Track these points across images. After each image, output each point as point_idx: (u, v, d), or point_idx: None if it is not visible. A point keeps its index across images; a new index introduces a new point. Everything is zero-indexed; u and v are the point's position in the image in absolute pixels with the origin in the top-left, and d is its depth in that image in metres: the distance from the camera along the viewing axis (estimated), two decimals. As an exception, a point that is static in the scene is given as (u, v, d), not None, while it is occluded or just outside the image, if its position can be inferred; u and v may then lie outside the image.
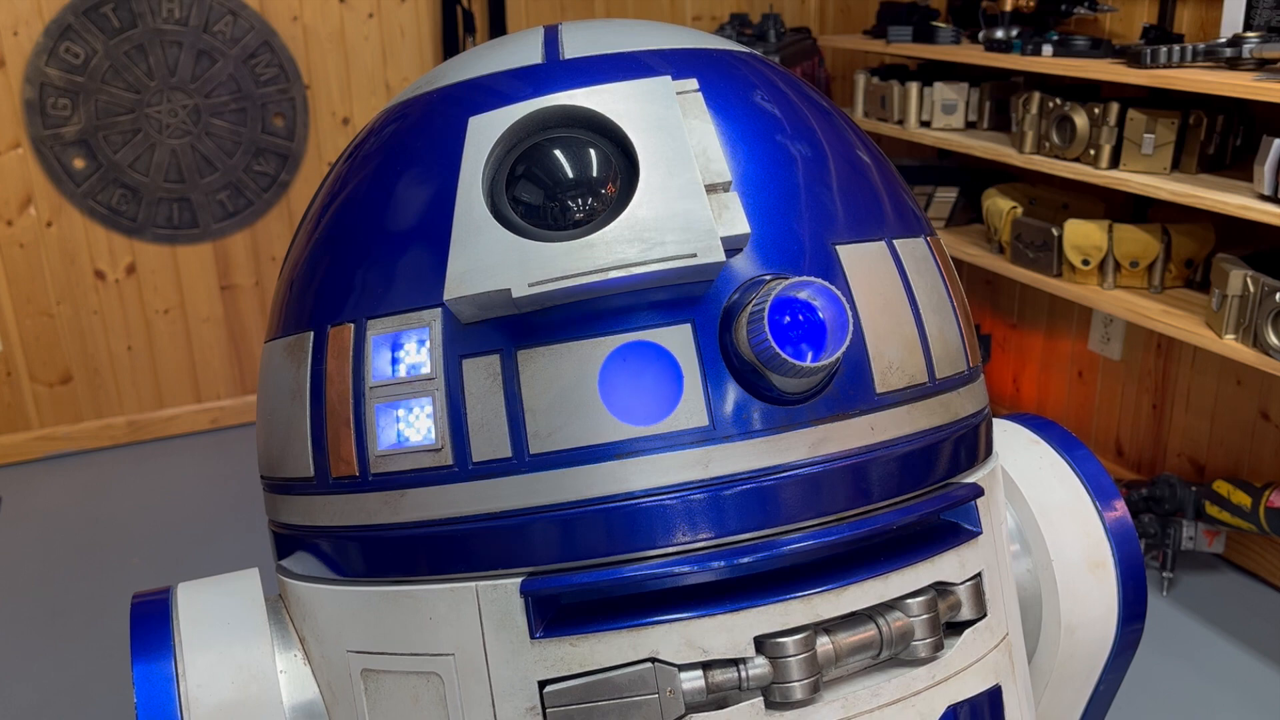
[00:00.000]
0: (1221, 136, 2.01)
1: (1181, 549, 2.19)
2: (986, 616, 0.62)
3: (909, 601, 0.58)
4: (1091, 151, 2.06)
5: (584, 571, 0.54)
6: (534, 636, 0.55)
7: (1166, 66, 1.87)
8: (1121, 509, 0.75)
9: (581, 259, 0.51)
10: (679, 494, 0.54)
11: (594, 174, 0.54)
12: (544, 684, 0.55)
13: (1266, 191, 1.73)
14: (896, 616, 0.58)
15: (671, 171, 0.52)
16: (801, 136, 0.61)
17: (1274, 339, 1.73)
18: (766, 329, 0.51)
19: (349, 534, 0.60)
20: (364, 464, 0.57)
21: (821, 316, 0.52)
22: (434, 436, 0.55)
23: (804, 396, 0.55)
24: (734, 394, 0.54)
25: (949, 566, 0.61)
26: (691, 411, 0.54)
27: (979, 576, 0.62)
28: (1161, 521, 2.18)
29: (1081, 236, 2.11)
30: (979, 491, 0.63)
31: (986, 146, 2.35)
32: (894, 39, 2.59)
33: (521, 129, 0.54)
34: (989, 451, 0.67)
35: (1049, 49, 2.16)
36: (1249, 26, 1.97)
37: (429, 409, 0.55)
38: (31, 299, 2.93)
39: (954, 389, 0.62)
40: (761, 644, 0.55)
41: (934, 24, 2.56)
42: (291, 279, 0.65)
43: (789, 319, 0.52)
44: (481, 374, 0.55)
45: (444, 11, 3.06)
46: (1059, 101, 2.13)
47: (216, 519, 2.63)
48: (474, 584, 0.56)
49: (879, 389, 0.57)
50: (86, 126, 2.86)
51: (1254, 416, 2.24)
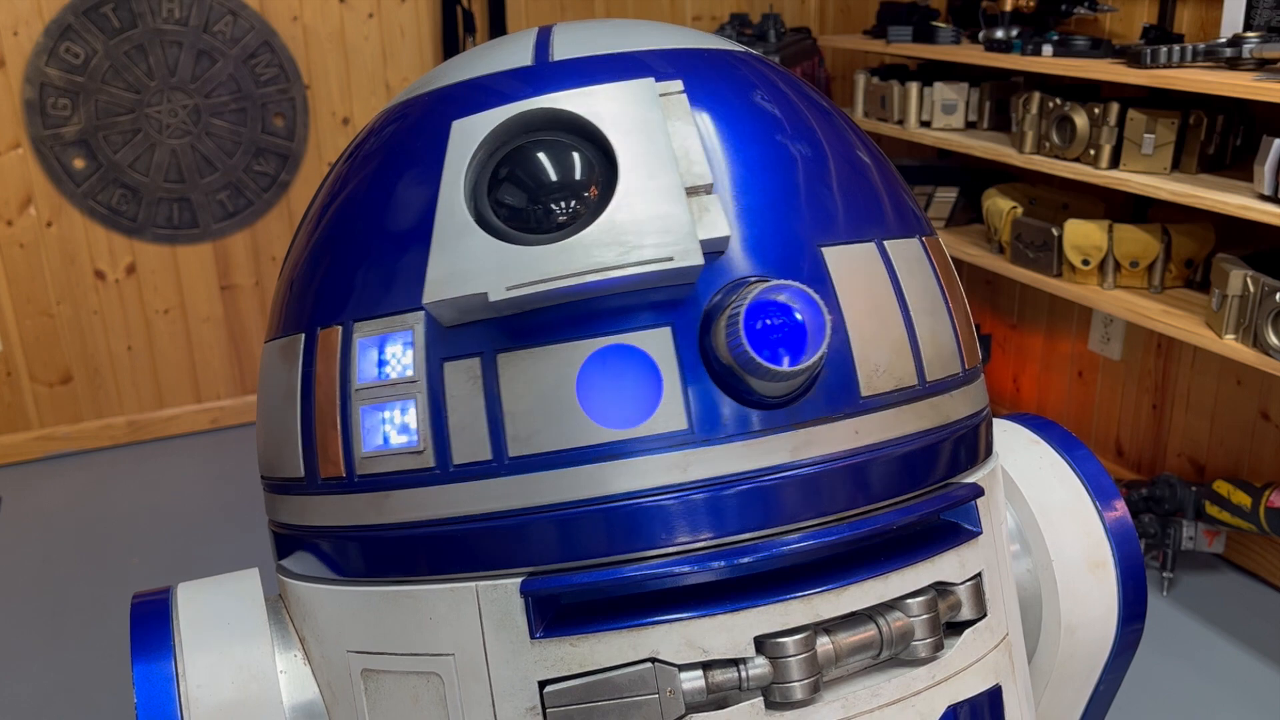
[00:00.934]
0: (1221, 136, 2.01)
1: (1181, 549, 2.19)
2: (986, 616, 0.62)
3: (909, 601, 0.58)
4: (1091, 151, 2.06)
5: (584, 571, 0.54)
6: (534, 636, 0.55)
7: (1166, 66, 1.87)
8: (1121, 509, 0.75)
9: (559, 262, 0.51)
10: (675, 494, 0.54)
11: (575, 177, 0.53)
12: (544, 684, 0.55)
13: (1266, 191, 1.73)
14: (896, 616, 0.58)
15: (651, 174, 0.52)
16: (799, 137, 0.61)
17: (1274, 339, 1.73)
18: (743, 332, 0.51)
19: (343, 534, 0.60)
20: (350, 465, 0.58)
21: (800, 320, 0.52)
22: (416, 439, 0.55)
23: (784, 400, 0.55)
24: (714, 398, 0.54)
25: (949, 566, 0.60)
26: (670, 415, 0.54)
27: (979, 576, 0.62)
28: (1161, 521, 2.18)
29: (1081, 236, 2.11)
30: (979, 491, 0.63)
31: (986, 146, 2.35)
32: (894, 39, 2.59)
33: (504, 132, 0.54)
34: (989, 452, 0.67)
35: (1049, 49, 2.16)
36: (1249, 26, 1.97)
37: (412, 411, 0.56)
38: (31, 299, 2.93)
39: (947, 391, 0.62)
40: (761, 644, 0.55)
41: (934, 24, 2.56)
42: (289, 280, 0.65)
43: (767, 322, 0.52)
44: (462, 377, 0.55)
45: (444, 11, 3.07)
46: (1059, 101, 2.13)
47: (216, 519, 2.63)
48: (474, 584, 0.56)
49: (864, 392, 0.57)
50: (86, 126, 2.86)
51: (1254, 416, 2.24)
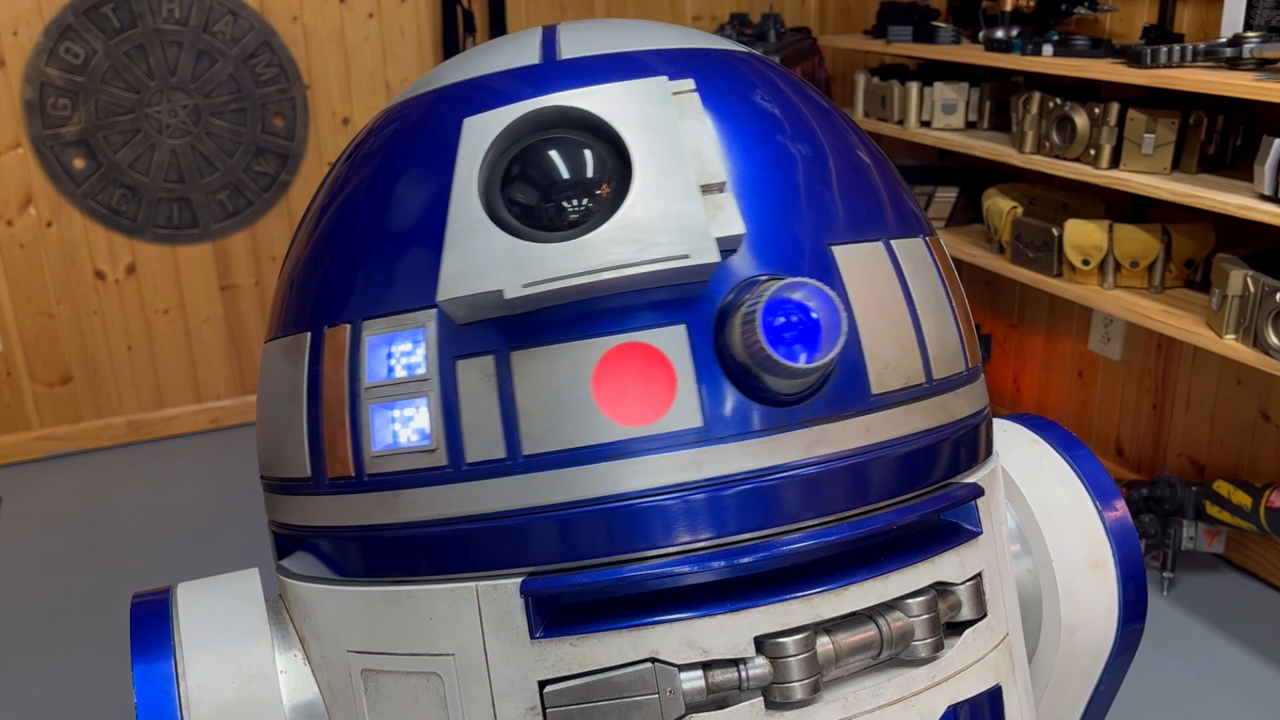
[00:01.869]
0: (1221, 136, 2.01)
1: (1181, 549, 2.19)
2: (987, 616, 0.62)
3: (909, 601, 0.58)
4: (1091, 151, 2.06)
5: (584, 571, 0.54)
6: (534, 636, 0.55)
7: (1166, 66, 1.87)
8: (1122, 509, 0.75)
9: (575, 260, 0.51)
10: (677, 494, 0.54)
11: (589, 175, 0.54)
12: (544, 684, 0.55)
13: (1266, 191, 1.73)
14: (897, 616, 0.58)
15: (665, 172, 0.52)
16: (800, 137, 0.61)
17: (1274, 339, 1.73)
18: (759, 330, 0.51)
19: (347, 534, 0.60)
20: (360, 464, 0.57)
21: (815, 318, 0.52)
22: (429, 437, 0.55)
23: (798, 398, 0.55)
24: (728, 395, 0.54)
25: (949, 566, 0.61)
26: (685, 412, 0.54)
27: (979, 576, 0.62)
28: (1161, 521, 2.18)
29: (1081, 236, 2.11)
30: (979, 491, 0.63)
31: (986, 146, 2.35)
32: (894, 39, 2.59)
33: (516, 130, 0.54)
34: (989, 451, 0.67)
35: (1049, 49, 2.16)
36: (1249, 26, 1.97)
37: (424, 410, 0.55)
38: (31, 299, 2.93)
39: (952, 390, 0.62)
40: (762, 644, 0.55)
41: (934, 24, 2.56)
42: (290, 280, 0.65)
43: (783, 320, 0.52)
44: (475, 375, 0.55)
45: (444, 11, 3.07)
46: (1059, 101, 2.13)
47: (216, 519, 2.63)
48: (474, 584, 0.56)
49: (875, 390, 0.57)
50: (86, 126, 2.86)
51: (1254, 416, 2.24)
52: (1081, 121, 2.07)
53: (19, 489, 2.86)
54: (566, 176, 0.54)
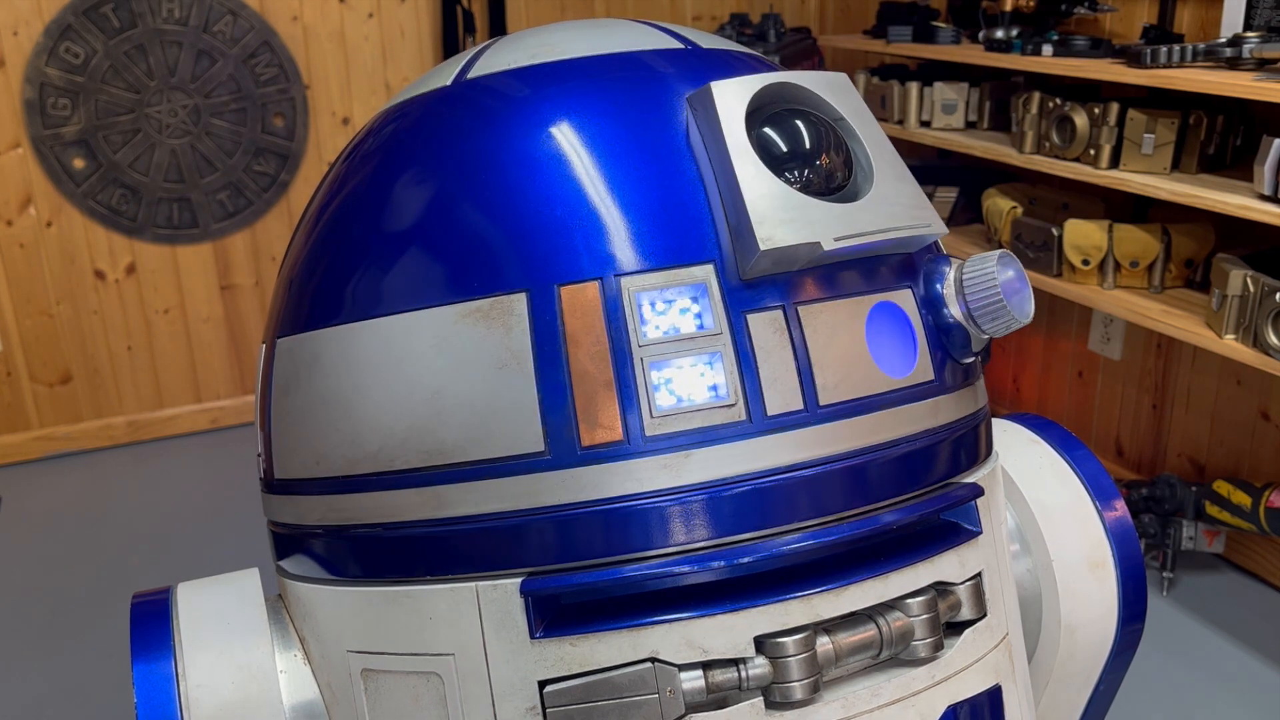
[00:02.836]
0: (1221, 136, 2.01)
1: (1181, 549, 2.19)
2: (986, 616, 0.62)
3: (909, 601, 0.58)
4: (1091, 151, 2.06)
5: (584, 571, 0.54)
6: (534, 636, 0.55)
7: (1166, 66, 1.87)
8: (1121, 509, 0.75)
9: (866, 220, 0.56)
10: (678, 494, 0.54)
11: (835, 148, 0.58)
12: (544, 684, 0.55)
13: (1266, 191, 1.73)
14: (896, 616, 0.58)
15: (886, 155, 0.59)
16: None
17: (1274, 339, 1.73)
18: (999, 286, 0.58)
19: (347, 534, 0.60)
20: (634, 428, 0.54)
21: (1015, 284, 0.59)
22: (726, 392, 0.55)
23: (980, 355, 0.62)
24: (943, 353, 0.61)
25: (949, 566, 0.61)
26: (925, 368, 0.60)
27: (979, 576, 0.62)
28: (1161, 521, 2.18)
29: (1081, 236, 2.11)
30: (979, 491, 0.63)
31: (986, 146, 2.35)
32: (894, 39, 2.59)
33: (754, 101, 0.57)
34: (989, 451, 0.67)
35: (1049, 49, 2.16)
36: (1249, 26, 1.97)
37: (719, 365, 0.55)
38: (31, 299, 2.93)
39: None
40: (761, 644, 0.55)
41: (934, 24, 2.56)
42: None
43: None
44: (769, 328, 0.56)
45: (444, 11, 3.07)
46: (1059, 101, 2.13)
47: (216, 519, 2.63)
48: (474, 584, 0.56)
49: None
50: (86, 126, 2.86)
51: (1254, 416, 2.24)
52: (1081, 121, 2.07)
53: (19, 489, 2.86)
54: (820, 146, 0.57)
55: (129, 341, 3.04)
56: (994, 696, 0.62)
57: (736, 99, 0.55)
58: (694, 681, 0.54)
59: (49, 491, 2.85)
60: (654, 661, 0.54)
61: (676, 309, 0.54)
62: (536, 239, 0.55)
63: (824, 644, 0.56)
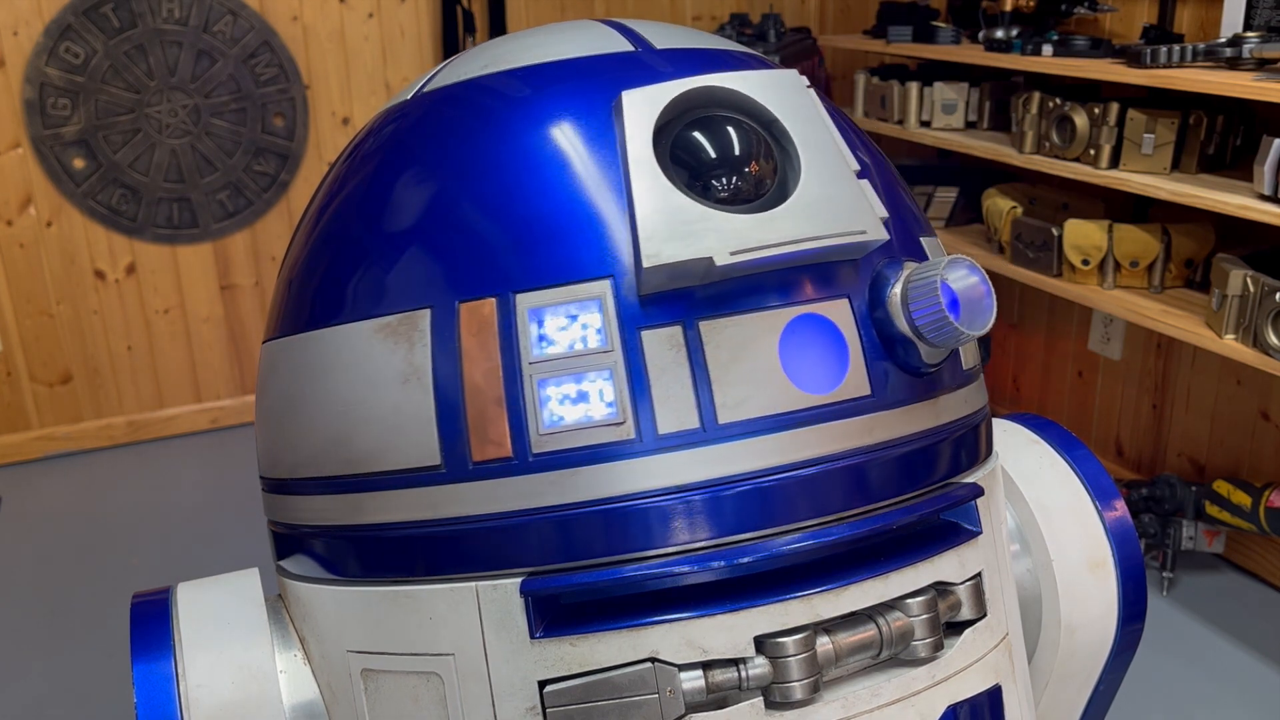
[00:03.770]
0: (1221, 136, 2.01)
1: (1181, 549, 2.19)
2: (986, 616, 0.62)
3: (909, 601, 0.58)
4: (1091, 151, 2.06)
5: (584, 571, 0.54)
6: (534, 636, 0.55)
7: (1166, 66, 1.87)
8: (1121, 509, 0.75)
9: (772, 231, 0.52)
10: (677, 495, 0.54)
11: (759, 153, 0.55)
12: (544, 684, 0.55)
13: (1266, 191, 1.73)
14: (896, 616, 0.58)
15: (824, 156, 0.55)
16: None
17: (1274, 339, 1.73)
18: (941, 299, 0.54)
19: (348, 534, 0.60)
20: (522, 444, 0.55)
21: (971, 295, 0.55)
22: (616, 410, 0.54)
23: (935, 367, 0.59)
24: (888, 365, 0.57)
25: (949, 566, 0.61)
26: (857, 382, 0.56)
27: (979, 576, 0.62)
28: (1161, 521, 2.18)
29: (1081, 236, 2.11)
30: (979, 491, 0.63)
31: (986, 146, 2.35)
32: (894, 39, 2.59)
33: (676, 107, 0.55)
34: (989, 451, 0.67)
35: (1049, 49, 2.16)
36: (1249, 26, 1.97)
37: (608, 382, 0.54)
38: (31, 299, 2.93)
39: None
40: (761, 644, 0.55)
41: (934, 24, 2.56)
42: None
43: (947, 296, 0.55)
44: (663, 345, 0.55)
45: (444, 11, 3.07)
46: (1059, 101, 2.13)
47: (216, 519, 2.63)
48: (474, 584, 0.56)
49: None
50: (86, 126, 2.86)
51: (1254, 416, 2.24)
52: (1081, 121, 2.07)
53: (19, 489, 2.86)
54: (738, 153, 0.55)
55: (129, 341, 3.04)
56: (994, 696, 0.62)
57: (645, 107, 0.54)
58: (694, 681, 0.54)
59: (49, 491, 2.85)
60: (654, 661, 0.54)
61: (572, 326, 0.54)
62: (442, 256, 0.57)
63: (824, 644, 0.56)
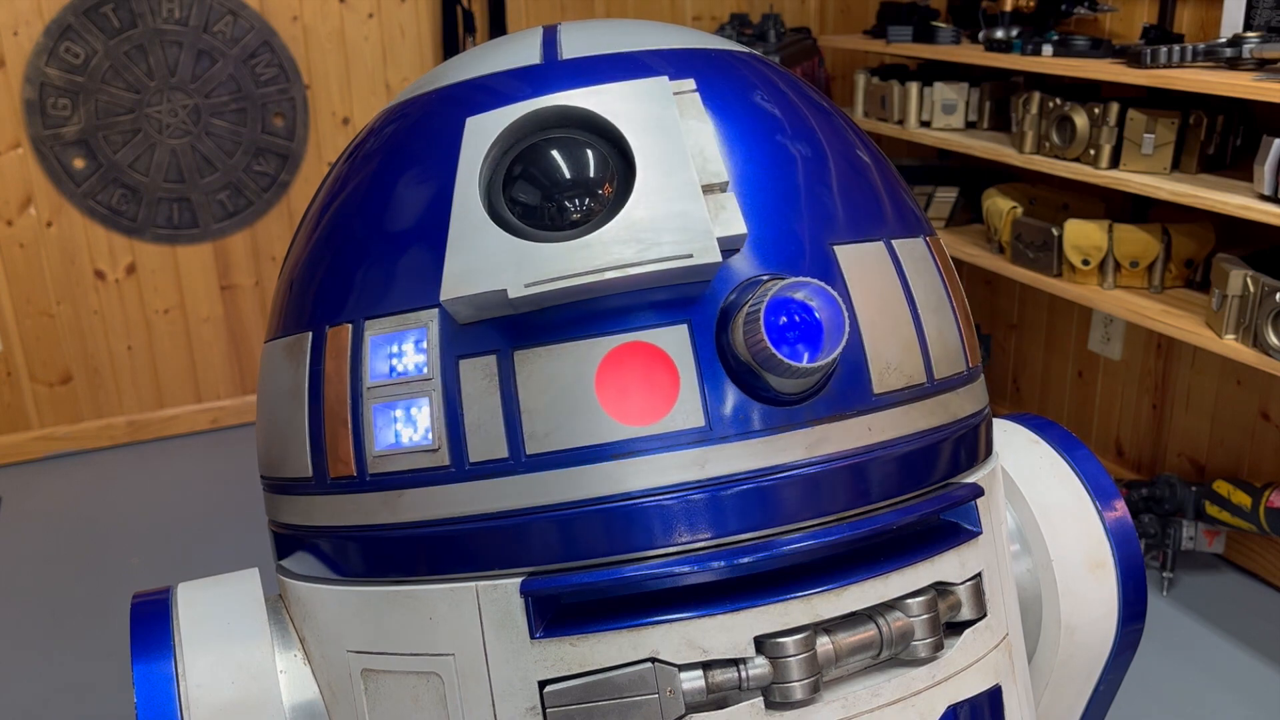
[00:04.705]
0: (1221, 136, 2.01)
1: (1181, 549, 2.19)
2: (986, 616, 0.62)
3: (909, 601, 0.58)
4: (1091, 151, 2.06)
5: (584, 571, 0.54)
6: (534, 636, 0.55)
7: (1166, 66, 1.87)
8: (1121, 509, 0.75)
9: (578, 259, 0.51)
10: (677, 494, 0.54)
11: (591, 174, 0.54)
12: (544, 684, 0.55)
13: (1266, 191, 1.73)
14: (896, 616, 0.58)
15: (668, 172, 0.52)
16: (801, 137, 0.61)
17: (1274, 339, 1.73)
18: (763, 329, 0.51)
19: (348, 534, 0.60)
20: (361, 464, 0.58)
21: (818, 317, 0.52)
22: (431, 437, 0.55)
23: (800, 397, 0.55)
24: (731, 394, 0.54)
25: (949, 566, 0.61)
26: (688, 412, 0.54)
27: (979, 576, 0.62)
28: (1161, 521, 2.18)
29: (1081, 236, 2.11)
30: (979, 491, 0.63)
31: (986, 146, 2.35)
32: (894, 39, 2.59)
33: (519, 129, 0.54)
34: (989, 451, 0.67)
35: (1049, 49, 2.16)
36: (1249, 26, 1.97)
37: (426, 409, 0.56)
38: (31, 299, 2.93)
39: (953, 389, 0.62)
40: (761, 644, 0.55)
41: (934, 24, 2.56)
42: (290, 280, 0.65)
43: (785, 319, 0.52)
44: (478, 374, 0.55)
45: (444, 11, 3.06)
46: (1059, 101, 2.13)
47: (216, 519, 2.63)
48: (474, 584, 0.56)
49: (877, 389, 0.57)
50: (86, 126, 2.86)
51: (1254, 416, 2.24)
52: (1081, 121, 2.07)
53: (19, 489, 2.86)
54: (569, 176, 0.54)
55: (129, 341, 3.04)
56: (994, 697, 0.62)
57: (482, 134, 0.54)
58: (694, 681, 0.54)
59: (49, 491, 2.85)
60: (654, 661, 0.54)
61: (403, 353, 0.57)
62: (326, 281, 0.61)
63: (824, 644, 0.56)
